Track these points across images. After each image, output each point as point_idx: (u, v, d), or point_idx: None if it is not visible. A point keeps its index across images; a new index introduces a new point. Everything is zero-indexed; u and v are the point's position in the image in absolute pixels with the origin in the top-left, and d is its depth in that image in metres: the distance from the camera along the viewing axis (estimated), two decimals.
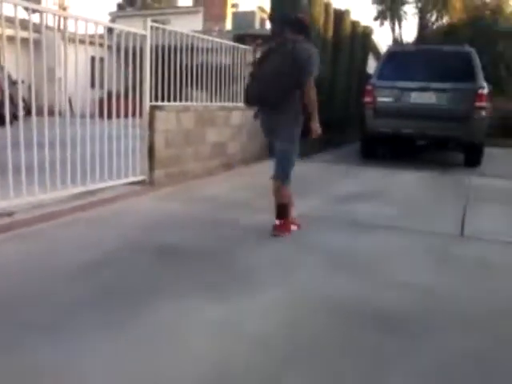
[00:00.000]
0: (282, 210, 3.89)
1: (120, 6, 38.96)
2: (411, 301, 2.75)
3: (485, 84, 7.70)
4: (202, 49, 6.41)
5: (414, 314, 2.60)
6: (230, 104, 7.09)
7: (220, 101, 6.88)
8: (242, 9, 27.07)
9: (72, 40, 4.41)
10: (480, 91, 7.59)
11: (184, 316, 2.45)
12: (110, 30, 5.34)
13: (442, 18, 16.82)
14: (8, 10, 3.79)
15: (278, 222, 3.89)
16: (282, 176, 3.85)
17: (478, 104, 7.54)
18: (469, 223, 4.42)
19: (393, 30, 17.84)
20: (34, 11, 4.21)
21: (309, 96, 3.66)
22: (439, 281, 3.08)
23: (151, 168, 5.34)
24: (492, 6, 14.33)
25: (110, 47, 5.07)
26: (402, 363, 2.12)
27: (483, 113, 7.62)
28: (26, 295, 2.63)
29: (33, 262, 3.12)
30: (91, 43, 4.66)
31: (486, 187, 6.32)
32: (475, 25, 13.68)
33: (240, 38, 8.97)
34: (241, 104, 7.35)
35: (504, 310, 2.69)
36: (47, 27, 4.42)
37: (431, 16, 17.11)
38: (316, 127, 3.78)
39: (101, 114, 4.85)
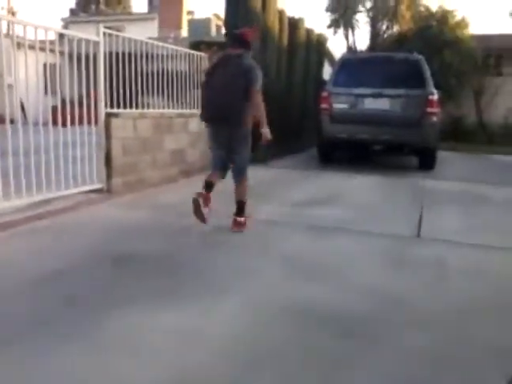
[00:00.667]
0: (243, 207, 4.19)
1: (73, 12, 38.18)
2: (369, 303, 2.80)
3: (435, 90, 7.98)
4: (158, 55, 6.37)
5: (371, 315, 2.64)
6: (188, 110, 7.06)
7: (177, 107, 6.84)
8: (197, 16, 27.09)
9: (23, 46, 4.28)
10: (430, 97, 7.85)
11: (143, 324, 2.41)
12: (62, 36, 5.23)
13: (392, 26, 17.33)
14: None
15: (238, 218, 4.17)
16: (242, 178, 4.20)
17: (428, 110, 7.80)
18: (424, 225, 4.56)
19: (346, 37, 18.23)
20: None
21: (257, 105, 3.95)
22: (396, 282, 3.15)
23: (108, 176, 5.24)
24: (438, 16, 14.88)
25: (62, 54, 4.95)
26: (361, 364, 2.15)
27: (434, 118, 7.88)
28: None
29: None
30: (43, 49, 4.55)
31: (439, 189, 6.53)
32: (423, 34, 14.17)
33: (196, 45, 8.97)
34: (198, 110, 7.33)
35: (459, 310, 2.76)
36: None
37: (382, 25, 17.60)
38: (266, 132, 4.00)
39: (54, 122, 4.73)
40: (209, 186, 4.15)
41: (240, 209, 4.18)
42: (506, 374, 2.09)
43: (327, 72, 11.45)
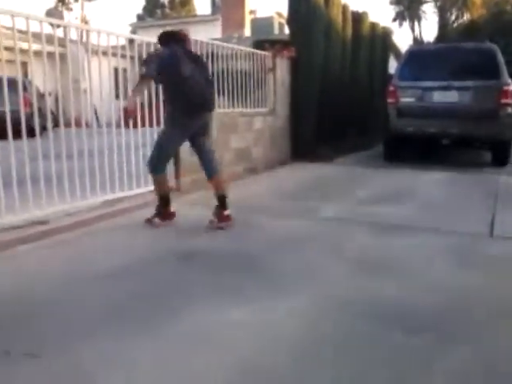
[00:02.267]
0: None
1: (140, 17, 39.62)
2: (442, 302, 2.72)
3: (510, 80, 7.58)
4: (222, 56, 6.48)
5: (446, 314, 2.57)
6: (252, 109, 7.13)
7: (241, 106, 6.93)
8: (260, 15, 27.27)
9: (95, 52, 4.51)
10: (505, 88, 7.46)
11: (212, 319, 2.48)
12: (131, 41, 5.44)
13: (462, 15, 16.63)
14: (34, 26, 3.91)
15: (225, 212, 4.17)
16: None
17: (503, 101, 7.42)
18: (498, 223, 4.34)
19: (412, 29, 17.77)
20: (59, 26, 4.33)
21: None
22: (469, 281, 3.04)
23: (177, 175, 5.41)
24: None
25: (132, 58, 5.16)
26: (435, 364, 2.10)
27: (509, 110, 7.49)
28: (63, 300, 2.69)
29: (69, 267, 3.20)
30: (114, 55, 4.76)
31: None
32: (497, 20, 13.47)
33: (259, 44, 9.02)
34: (263, 109, 7.40)
35: None
36: (71, 41, 4.54)
37: (451, 14, 16.92)
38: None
39: (126, 124, 4.94)
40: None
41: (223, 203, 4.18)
42: None
43: (393, 66, 11.16)
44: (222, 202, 4.15)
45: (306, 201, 5.26)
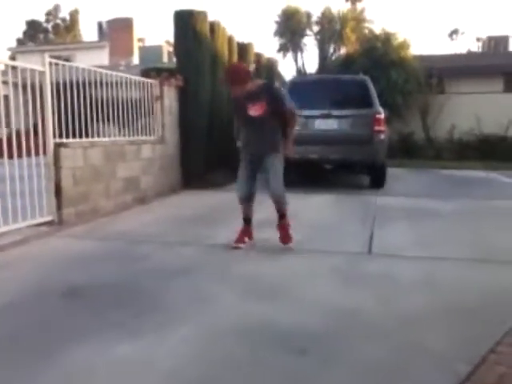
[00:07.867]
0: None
1: (20, 42, 37.62)
2: (323, 319, 2.84)
3: (381, 109, 8.27)
4: (107, 83, 6.35)
5: (326, 331, 2.68)
6: (140, 137, 7.04)
7: (129, 135, 6.81)
8: (149, 43, 27.18)
9: None
10: (377, 116, 8.13)
11: (94, 358, 2.36)
12: (13, 67, 5.13)
13: (339, 49, 17.90)
14: None
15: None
16: None
17: (376, 128, 8.07)
18: (375, 241, 4.67)
19: (296, 61, 18.66)
20: None
21: None
22: (348, 298, 3.21)
23: (59, 207, 5.14)
24: (382, 38, 15.46)
25: (7, 84, 4.88)
26: (318, 381, 2.18)
27: (382, 136, 8.15)
28: None
29: None
30: None
31: (390, 206, 6.71)
32: (369, 55, 14.68)
33: (147, 72, 8.96)
34: (151, 137, 7.33)
35: (410, 321, 2.83)
36: None
37: (329, 47, 18.13)
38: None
39: (0, 155, 4.63)
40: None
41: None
42: (453, 375, 2.17)
43: None
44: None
45: (195, 228, 5.25)
